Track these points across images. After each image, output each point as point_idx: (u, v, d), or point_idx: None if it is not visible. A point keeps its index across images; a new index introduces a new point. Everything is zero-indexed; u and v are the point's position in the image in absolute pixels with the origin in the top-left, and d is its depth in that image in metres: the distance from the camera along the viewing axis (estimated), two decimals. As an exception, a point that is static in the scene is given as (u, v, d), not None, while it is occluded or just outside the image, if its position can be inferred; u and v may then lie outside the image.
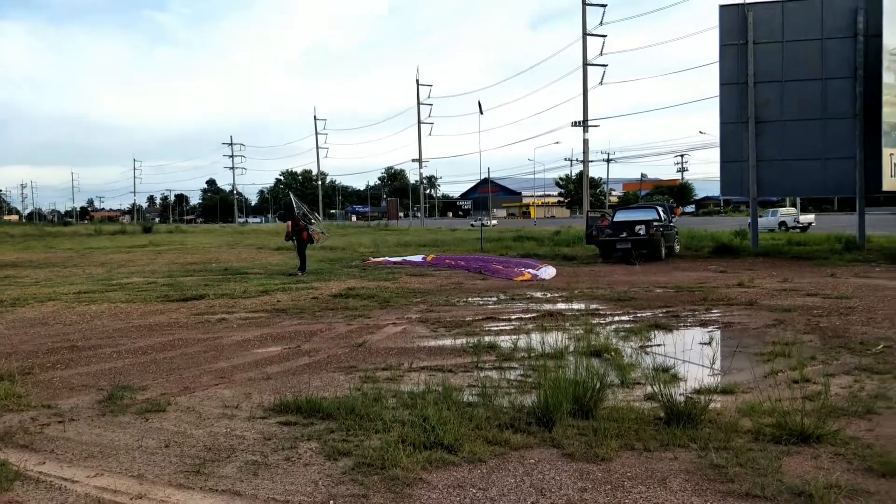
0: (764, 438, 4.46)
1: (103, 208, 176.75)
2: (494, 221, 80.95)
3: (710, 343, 7.91)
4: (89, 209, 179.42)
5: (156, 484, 4.00)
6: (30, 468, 4.24)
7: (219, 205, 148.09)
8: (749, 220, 24.07)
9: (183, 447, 4.60)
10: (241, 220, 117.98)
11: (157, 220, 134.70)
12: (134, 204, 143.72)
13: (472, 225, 72.59)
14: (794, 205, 49.17)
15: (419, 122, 70.26)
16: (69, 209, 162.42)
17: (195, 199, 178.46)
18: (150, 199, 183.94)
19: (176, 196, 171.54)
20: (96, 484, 4.02)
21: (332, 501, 3.71)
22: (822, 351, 7.18)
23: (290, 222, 17.41)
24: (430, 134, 72.31)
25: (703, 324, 9.16)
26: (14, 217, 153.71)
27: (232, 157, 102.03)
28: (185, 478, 4.07)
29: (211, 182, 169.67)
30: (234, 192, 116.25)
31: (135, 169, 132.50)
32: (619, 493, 3.74)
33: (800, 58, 20.35)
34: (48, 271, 19.59)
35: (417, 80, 70.43)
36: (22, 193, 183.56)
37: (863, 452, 4.19)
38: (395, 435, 4.54)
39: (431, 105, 70.08)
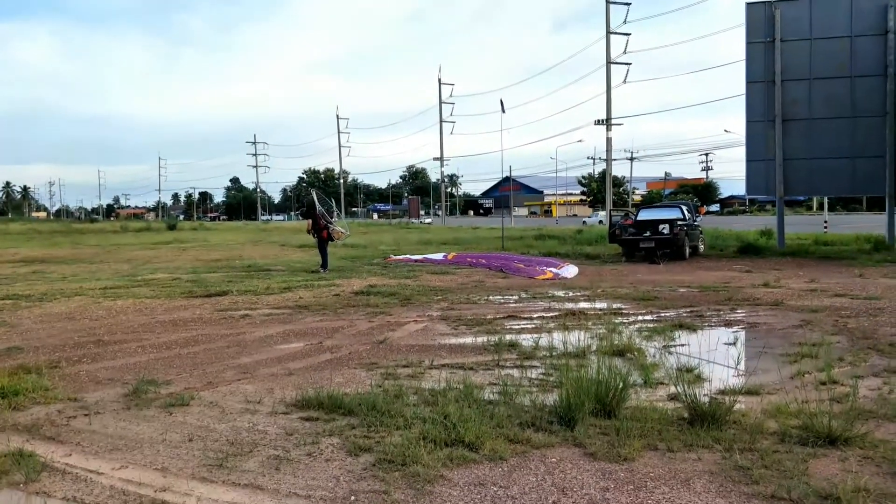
0: (790, 440, 4.39)
1: (129, 206, 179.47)
2: (429, 220, 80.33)
3: (734, 343, 7.81)
4: (115, 206, 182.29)
5: (179, 477, 4.03)
6: (56, 460, 4.30)
7: (242, 203, 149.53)
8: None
9: (206, 441, 4.64)
10: (265, 217, 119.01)
11: (181, 217, 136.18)
12: (159, 201, 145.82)
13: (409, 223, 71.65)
14: (821, 205, 48.62)
15: (441, 121, 70.37)
16: (96, 206, 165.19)
17: (219, 197, 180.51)
18: (175, 196, 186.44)
19: (200, 194, 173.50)
20: (121, 476, 4.06)
21: (353, 497, 3.72)
22: (851, 352, 7.06)
23: (309, 221, 17.53)
24: (451, 133, 72.70)
25: (728, 324, 9.05)
26: (42, 214, 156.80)
27: (255, 155, 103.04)
28: (208, 471, 4.10)
29: (234, 180, 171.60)
30: (258, 190, 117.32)
31: (160, 167, 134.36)
32: (641, 494, 3.70)
33: (828, 55, 20.04)
34: (75, 267, 19.90)
35: (440, 79, 70.58)
36: (50, 191, 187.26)
37: (892, 456, 4.10)
38: (416, 432, 4.54)
39: (453, 104, 70.32)
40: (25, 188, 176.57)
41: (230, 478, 4.00)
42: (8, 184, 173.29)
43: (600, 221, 63.56)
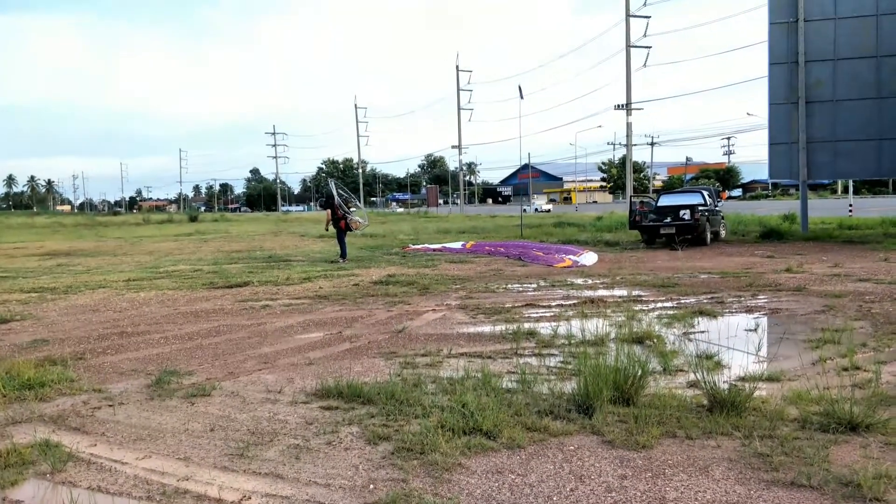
0: (811, 427, 4.35)
1: (151, 198, 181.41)
2: (401, 209, 79.52)
3: (755, 330, 7.74)
4: (138, 199, 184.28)
5: (201, 466, 4.10)
6: (82, 450, 4.39)
7: (262, 193, 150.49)
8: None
9: (227, 431, 4.70)
10: (284, 208, 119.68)
11: (202, 208, 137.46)
12: (180, 193, 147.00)
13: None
14: (846, 188, 47.88)
15: (459, 109, 70.08)
16: (118, 199, 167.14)
17: (239, 188, 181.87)
18: (196, 188, 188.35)
19: (221, 185, 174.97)
20: (145, 466, 4.14)
21: (372, 485, 3.75)
22: (874, 338, 6.97)
23: (328, 211, 17.53)
24: (469, 120, 72.28)
25: (749, 310, 8.96)
26: (66, 207, 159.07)
27: (275, 146, 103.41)
28: (230, 461, 4.16)
29: (255, 171, 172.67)
30: (277, 180, 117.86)
31: (181, 159, 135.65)
32: (659, 481, 3.70)
33: (853, 35, 19.65)
34: (99, 259, 20.19)
35: (457, 66, 70.22)
36: (73, 184, 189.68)
37: (915, 442, 4.06)
38: (434, 420, 4.57)
39: (471, 91, 69.94)
40: (49, 182, 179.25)
41: (251, 467, 4.06)
42: (32, 178, 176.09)
43: (536, 209, 66.68)
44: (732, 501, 3.45)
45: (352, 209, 18.18)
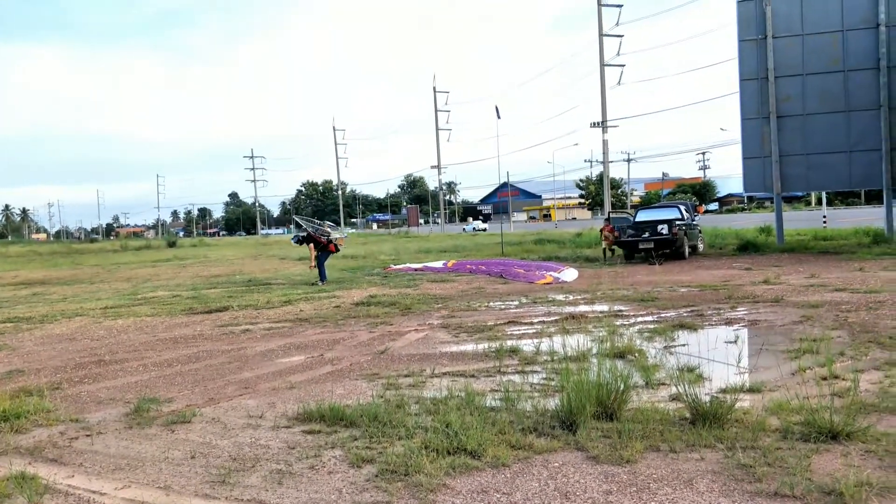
0: (792, 437, 4.38)
1: (128, 224, 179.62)
2: (347, 231, 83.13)
3: (735, 341, 7.80)
4: (115, 225, 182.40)
5: (182, 494, 4.03)
6: (59, 482, 4.29)
7: (241, 217, 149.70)
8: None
9: (208, 457, 4.63)
10: (264, 231, 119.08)
11: (180, 234, 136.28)
12: (158, 219, 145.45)
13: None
14: (820, 200, 48.59)
15: (437, 129, 70.49)
16: (95, 226, 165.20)
17: (218, 213, 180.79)
18: (174, 213, 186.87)
19: (199, 210, 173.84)
20: (124, 496, 4.06)
21: (356, 509, 3.71)
22: (851, 346, 7.05)
23: (311, 244, 17.29)
24: (448, 140, 72.46)
25: (729, 322, 9.05)
26: (42, 236, 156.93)
27: (253, 169, 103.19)
28: (211, 488, 4.10)
29: (233, 195, 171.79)
30: (256, 204, 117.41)
31: (158, 185, 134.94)
32: (644, 496, 3.70)
33: (820, 50, 20.10)
34: (75, 288, 19.90)
35: (434, 88, 70.76)
36: (49, 212, 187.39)
37: (894, 448, 4.10)
38: (418, 441, 4.54)
39: (449, 111, 70.42)
40: (24, 210, 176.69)
41: (233, 493, 3.99)
42: (7, 206, 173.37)
43: (474, 228, 71.85)
44: (717, 513, 3.46)
45: (329, 232, 18.12)
